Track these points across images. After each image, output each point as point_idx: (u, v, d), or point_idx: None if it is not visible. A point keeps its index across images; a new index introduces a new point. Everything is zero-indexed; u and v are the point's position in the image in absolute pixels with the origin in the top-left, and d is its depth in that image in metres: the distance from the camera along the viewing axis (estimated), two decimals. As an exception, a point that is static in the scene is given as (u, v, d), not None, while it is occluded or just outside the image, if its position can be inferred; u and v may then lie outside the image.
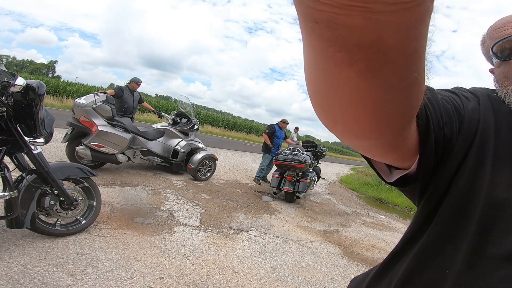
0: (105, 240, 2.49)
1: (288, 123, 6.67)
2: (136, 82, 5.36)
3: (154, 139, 4.96)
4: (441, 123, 0.46)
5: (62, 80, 22.06)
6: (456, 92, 0.55)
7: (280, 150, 5.93)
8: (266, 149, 6.46)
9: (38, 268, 1.93)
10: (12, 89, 1.90)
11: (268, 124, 6.95)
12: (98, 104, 4.11)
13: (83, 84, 21.40)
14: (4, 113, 1.93)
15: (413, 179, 0.49)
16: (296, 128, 10.37)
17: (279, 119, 6.73)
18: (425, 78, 0.30)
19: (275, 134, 6.43)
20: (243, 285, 2.34)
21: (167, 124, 5.38)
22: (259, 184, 6.47)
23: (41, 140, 2.16)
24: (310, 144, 6.87)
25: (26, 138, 2.07)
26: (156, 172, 5.22)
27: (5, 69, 1.95)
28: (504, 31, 0.54)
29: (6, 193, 1.95)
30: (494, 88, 0.57)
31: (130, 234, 2.72)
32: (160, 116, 5.67)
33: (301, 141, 7.69)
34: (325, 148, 7.21)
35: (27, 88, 2.00)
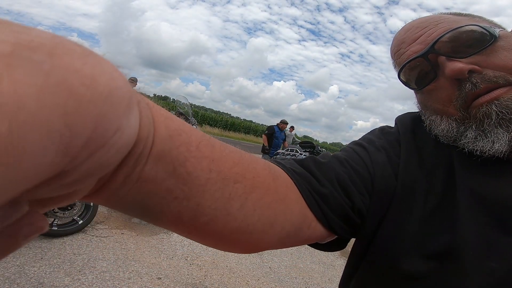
0: (102, 240, 2.48)
1: (287, 123, 6.70)
2: (131, 81, 5.38)
3: (152, 139, 4.94)
4: (343, 203, 0.39)
5: (59, 79, 21.96)
6: (366, 145, 0.45)
7: (278, 150, 5.94)
8: (264, 150, 6.49)
9: (34, 268, 1.92)
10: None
11: (267, 124, 7.05)
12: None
13: (81, 84, 21.39)
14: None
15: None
16: (292, 128, 10.48)
17: (277, 120, 6.79)
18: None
19: (274, 135, 6.46)
20: (241, 285, 2.34)
21: (165, 124, 5.35)
22: None
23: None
24: (308, 144, 6.88)
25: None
26: (154, 172, 5.21)
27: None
28: (402, 55, 0.45)
29: (2, 193, 1.94)
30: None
31: (127, 234, 2.71)
32: (158, 116, 5.64)
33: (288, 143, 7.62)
34: (323, 149, 7.23)
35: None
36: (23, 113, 0.11)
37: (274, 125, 6.62)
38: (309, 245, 0.42)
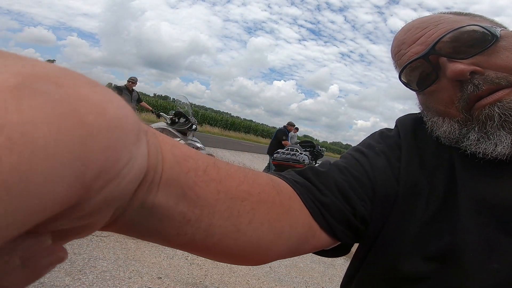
0: (103, 240, 2.49)
1: (294, 125, 6.72)
2: (131, 81, 5.40)
3: (152, 139, 4.94)
4: (343, 210, 0.39)
5: (59, 79, 22.00)
6: (365, 151, 0.45)
7: (279, 150, 5.95)
8: (271, 152, 6.44)
9: (35, 268, 1.92)
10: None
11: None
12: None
13: (81, 84, 21.45)
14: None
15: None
16: (296, 129, 10.51)
17: (277, 119, 6.85)
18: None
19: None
20: (242, 285, 2.34)
21: (165, 124, 5.36)
22: None
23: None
24: (308, 144, 6.91)
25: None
26: (154, 172, 5.21)
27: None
28: (403, 56, 0.44)
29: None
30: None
31: (128, 234, 2.72)
32: (158, 116, 5.66)
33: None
34: (323, 148, 7.25)
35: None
36: (33, 144, 0.10)
37: (282, 128, 6.62)
38: (314, 252, 0.43)
